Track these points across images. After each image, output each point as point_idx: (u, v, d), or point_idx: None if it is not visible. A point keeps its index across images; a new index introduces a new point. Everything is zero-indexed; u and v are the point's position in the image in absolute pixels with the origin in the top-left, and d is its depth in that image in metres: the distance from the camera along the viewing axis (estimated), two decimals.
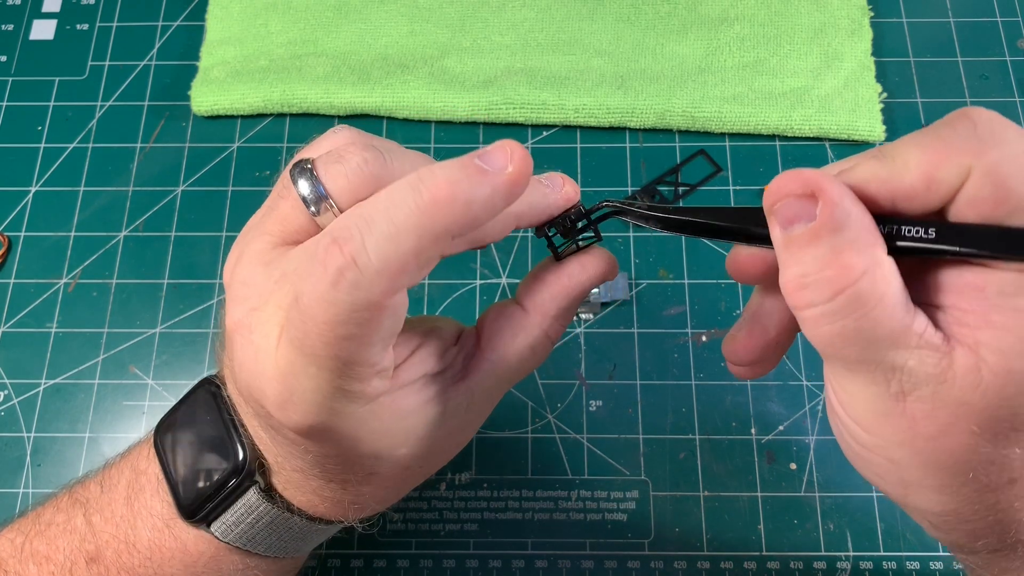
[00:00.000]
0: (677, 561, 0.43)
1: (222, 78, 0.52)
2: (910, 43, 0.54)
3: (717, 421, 0.45)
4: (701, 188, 0.50)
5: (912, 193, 0.20)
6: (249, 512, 0.28)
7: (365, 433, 0.24)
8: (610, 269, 0.28)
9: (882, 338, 0.20)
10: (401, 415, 0.25)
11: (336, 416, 0.23)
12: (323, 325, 0.20)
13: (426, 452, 0.27)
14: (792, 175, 0.21)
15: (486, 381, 0.27)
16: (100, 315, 0.48)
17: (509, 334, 0.27)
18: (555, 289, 0.27)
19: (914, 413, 0.21)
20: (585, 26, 0.54)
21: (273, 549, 0.29)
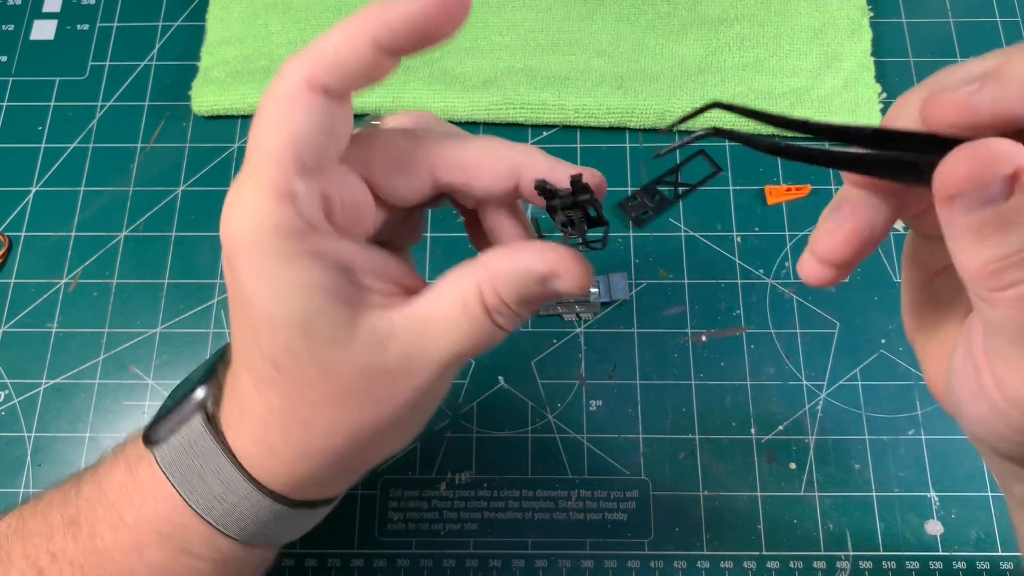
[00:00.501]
0: (677, 561, 0.43)
1: (222, 78, 0.53)
2: (910, 43, 0.54)
3: (717, 421, 0.45)
4: (701, 188, 0.50)
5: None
6: (189, 436, 0.27)
7: (264, 276, 0.23)
8: (569, 272, 0.24)
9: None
10: (301, 277, 0.23)
11: (248, 232, 0.23)
12: (256, 120, 0.23)
13: (327, 369, 0.24)
14: (972, 157, 0.17)
15: (411, 321, 0.25)
16: (100, 315, 0.48)
17: (449, 281, 0.25)
18: (508, 251, 0.25)
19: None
20: (585, 26, 0.54)
21: (205, 500, 0.27)
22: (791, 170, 0.51)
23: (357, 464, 0.29)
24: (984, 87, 0.17)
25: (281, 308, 0.23)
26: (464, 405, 0.46)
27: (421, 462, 0.45)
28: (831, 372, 0.46)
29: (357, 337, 0.24)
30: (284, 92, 0.22)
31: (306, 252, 0.23)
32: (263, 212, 0.22)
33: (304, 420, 0.25)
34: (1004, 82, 0.17)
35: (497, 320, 0.25)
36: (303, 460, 0.26)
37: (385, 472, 0.45)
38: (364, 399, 0.25)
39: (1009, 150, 0.16)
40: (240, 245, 0.23)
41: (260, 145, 0.22)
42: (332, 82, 0.22)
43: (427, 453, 0.45)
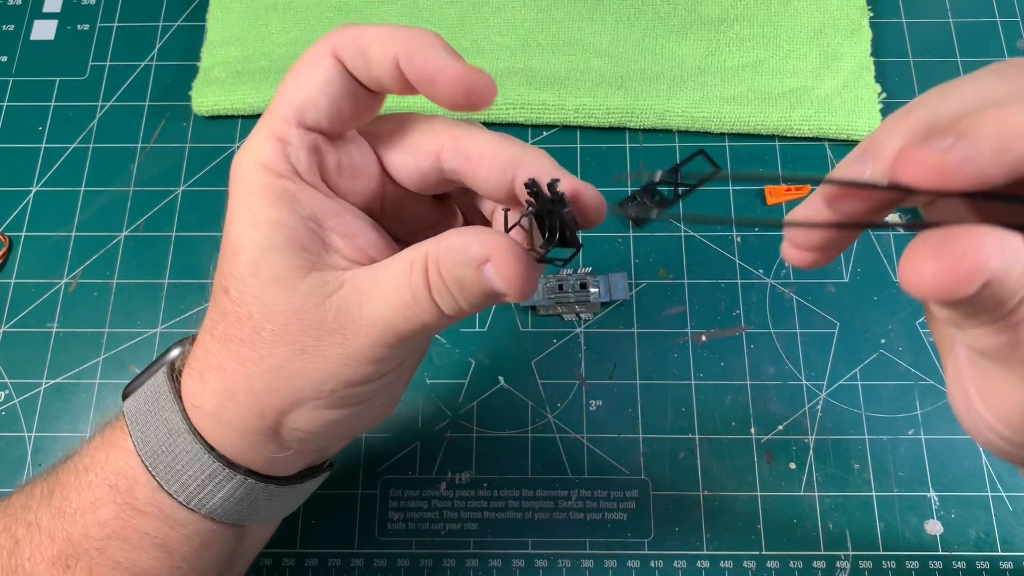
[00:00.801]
0: (677, 561, 0.43)
1: (223, 78, 0.53)
2: (909, 43, 0.54)
3: (717, 421, 0.45)
4: (701, 188, 0.50)
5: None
6: (153, 387, 0.28)
7: (242, 205, 0.25)
8: (498, 264, 0.24)
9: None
10: (270, 213, 0.25)
11: (241, 164, 0.25)
12: (289, 70, 0.25)
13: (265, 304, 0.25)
14: (941, 270, 0.16)
15: (361, 280, 0.25)
16: (101, 315, 0.48)
17: (406, 248, 0.25)
18: (460, 230, 0.25)
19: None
20: (585, 26, 0.54)
21: (152, 450, 0.27)
22: (791, 170, 0.51)
23: (282, 428, 0.27)
24: (956, 146, 0.16)
25: (244, 235, 0.25)
26: (464, 405, 0.46)
27: (421, 462, 0.45)
28: (831, 372, 0.46)
29: (303, 284, 0.25)
30: (315, 50, 0.24)
31: (283, 194, 0.25)
32: (256, 149, 0.25)
33: (236, 354, 0.26)
34: (975, 141, 0.16)
35: (435, 297, 0.24)
36: (226, 401, 0.26)
37: (385, 472, 0.45)
38: (291, 346, 0.25)
39: (975, 261, 0.15)
40: (235, 176, 0.26)
41: (280, 91, 0.25)
42: (351, 63, 0.24)
43: (427, 453, 0.45)
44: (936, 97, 0.19)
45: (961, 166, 0.16)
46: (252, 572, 0.41)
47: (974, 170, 0.16)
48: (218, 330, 0.26)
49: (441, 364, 0.47)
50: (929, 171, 0.16)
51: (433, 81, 0.23)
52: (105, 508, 0.28)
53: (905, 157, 0.17)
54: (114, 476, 0.28)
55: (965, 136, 0.16)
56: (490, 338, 0.48)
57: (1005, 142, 0.16)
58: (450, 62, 0.23)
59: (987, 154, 0.16)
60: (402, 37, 0.23)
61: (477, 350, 0.47)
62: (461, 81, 0.23)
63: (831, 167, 0.50)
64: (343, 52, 0.24)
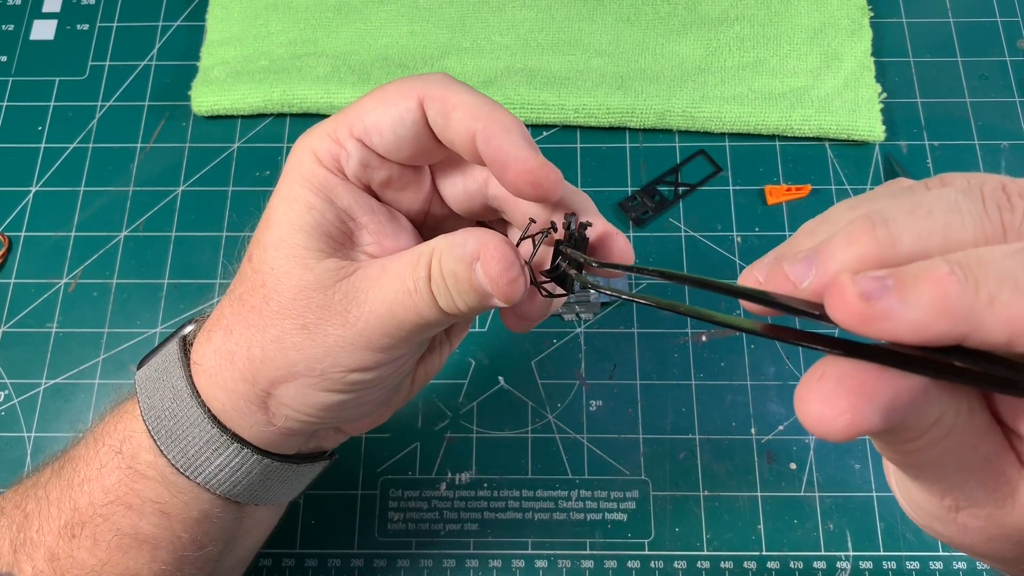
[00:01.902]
0: (677, 561, 0.43)
1: (222, 78, 0.53)
2: (910, 43, 0.54)
3: (717, 421, 0.45)
4: (701, 188, 0.50)
5: (988, 343, 0.16)
6: (165, 355, 0.30)
7: (286, 184, 0.27)
8: (489, 269, 0.24)
9: (948, 466, 0.19)
10: (307, 198, 0.26)
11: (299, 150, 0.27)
12: (382, 86, 0.27)
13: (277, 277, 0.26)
14: (824, 418, 0.17)
15: (372, 268, 0.26)
16: (100, 315, 0.48)
17: (420, 245, 0.27)
18: (468, 230, 0.26)
19: (966, 523, 0.20)
20: (585, 26, 0.54)
21: (157, 414, 0.28)
22: (792, 170, 0.51)
23: (272, 401, 0.28)
24: (886, 299, 0.16)
25: (280, 209, 0.27)
26: (464, 405, 0.46)
27: (421, 462, 0.45)
28: None
29: (319, 265, 0.26)
30: (408, 86, 0.26)
31: (325, 183, 0.26)
32: (315, 140, 0.27)
33: (243, 322, 0.27)
34: (906, 304, 0.16)
35: (434, 290, 0.25)
36: (224, 360, 0.27)
37: (385, 472, 0.45)
38: (293, 319, 0.26)
39: (853, 418, 0.16)
40: (291, 156, 0.27)
41: (361, 101, 0.26)
42: (431, 119, 0.25)
43: (427, 453, 0.45)
44: (906, 215, 0.17)
45: (882, 323, 0.16)
46: (252, 572, 0.41)
47: (893, 331, 0.16)
48: (235, 292, 0.28)
49: None
50: (853, 317, 0.16)
51: (505, 167, 0.24)
52: (111, 473, 0.29)
53: (835, 292, 0.16)
54: (119, 441, 0.29)
55: (898, 291, 0.16)
56: (490, 338, 0.48)
57: (937, 316, 0.15)
58: (524, 153, 0.24)
59: (911, 322, 0.16)
60: (487, 115, 0.24)
61: (477, 350, 0.47)
62: (531, 174, 0.24)
63: (831, 167, 0.50)
64: (428, 104, 0.25)
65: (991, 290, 0.15)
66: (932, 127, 0.51)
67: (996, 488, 0.19)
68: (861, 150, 0.51)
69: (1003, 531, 0.19)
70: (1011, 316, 0.15)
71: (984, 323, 0.15)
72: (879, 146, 0.51)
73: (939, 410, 0.17)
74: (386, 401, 0.31)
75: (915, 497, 0.21)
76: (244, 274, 0.28)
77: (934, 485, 0.19)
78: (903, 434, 0.18)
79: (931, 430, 0.18)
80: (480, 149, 0.24)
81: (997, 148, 0.51)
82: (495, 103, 0.25)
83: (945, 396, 0.17)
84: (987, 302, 0.15)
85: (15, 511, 0.30)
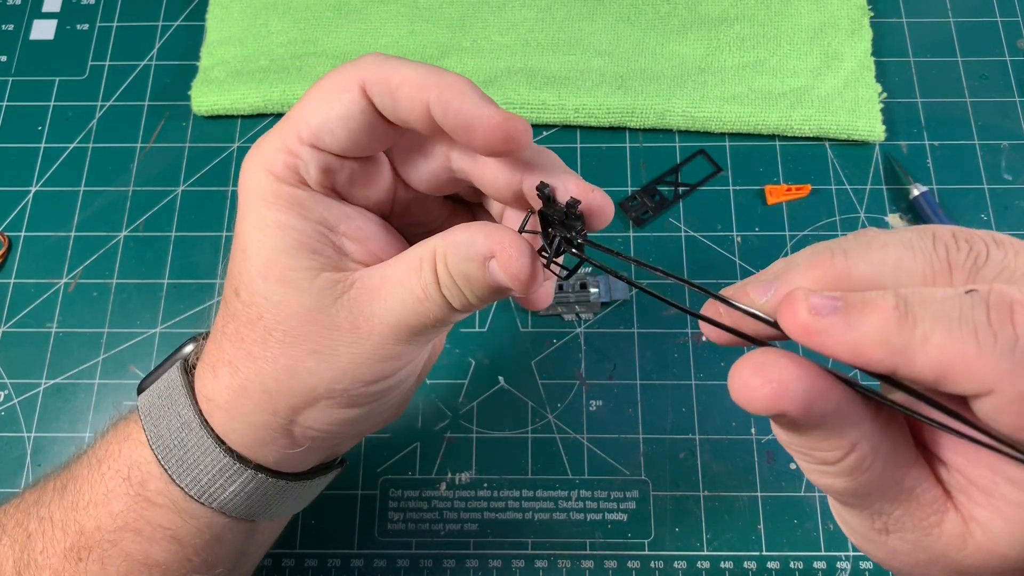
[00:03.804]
0: (677, 561, 0.43)
1: (222, 78, 0.53)
2: (910, 43, 0.54)
3: (717, 421, 0.45)
4: (701, 188, 0.50)
5: (918, 378, 0.17)
6: (167, 381, 0.29)
7: (252, 210, 0.25)
8: (504, 260, 0.24)
9: (873, 493, 0.20)
10: (280, 218, 0.25)
11: (253, 171, 0.25)
12: (316, 83, 0.25)
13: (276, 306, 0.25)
14: (750, 387, 0.18)
15: (371, 279, 0.25)
16: (100, 315, 0.48)
17: (415, 244, 0.26)
18: (468, 225, 0.25)
19: (896, 546, 0.21)
20: (585, 26, 0.54)
21: (165, 443, 0.28)
22: (792, 170, 0.51)
23: (294, 426, 0.28)
24: (833, 317, 0.17)
25: (254, 238, 0.25)
26: (464, 405, 0.46)
27: (421, 462, 0.45)
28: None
29: (313, 286, 0.25)
30: (344, 76, 0.24)
31: (295, 200, 0.25)
32: (269, 159, 0.25)
33: (247, 352, 0.26)
34: (850, 326, 0.17)
35: (445, 293, 0.25)
36: (238, 396, 0.27)
37: (385, 472, 0.45)
38: (303, 346, 0.25)
39: (777, 392, 0.18)
40: (245, 181, 0.26)
41: (300, 105, 0.25)
42: (378, 100, 0.24)
43: (427, 453, 0.45)
44: (863, 249, 0.19)
45: (824, 337, 0.17)
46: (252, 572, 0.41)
47: (831, 347, 0.17)
48: (229, 328, 0.27)
49: (441, 364, 0.47)
50: (797, 327, 0.18)
51: (470, 129, 0.23)
52: (118, 500, 0.28)
53: (788, 304, 0.18)
54: (127, 468, 0.28)
55: (844, 313, 0.17)
56: (490, 338, 0.47)
57: (873, 344, 0.17)
58: (486, 110, 0.23)
59: (850, 344, 0.17)
60: (435, 83, 0.23)
61: (477, 350, 0.47)
62: (499, 129, 0.23)
63: (831, 167, 0.50)
64: (371, 89, 0.24)
65: (926, 331, 0.17)
66: (932, 127, 0.51)
67: (923, 518, 0.20)
68: (861, 150, 0.51)
69: (930, 556, 0.20)
70: (939, 358, 0.16)
71: (915, 360, 0.17)
72: (879, 146, 0.51)
73: (857, 433, 0.18)
74: (409, 399, 0.31)
75: (847, 519, 0.22)
76: (234, 310, 0.26)
77: (864, 510, 0.20)
78: (820, 442, 0.19)
79: (849, 456, 0.19)
80: (438, 119, 0.23)
81: (997, 148, 0.51)
82: (438, 69, 0.24)
83: (867, 423, 0.19)
84: (920, 342, 0.17)
85: (17, 529, 0.30)
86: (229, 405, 0.27)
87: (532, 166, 0.25)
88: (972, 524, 0.19)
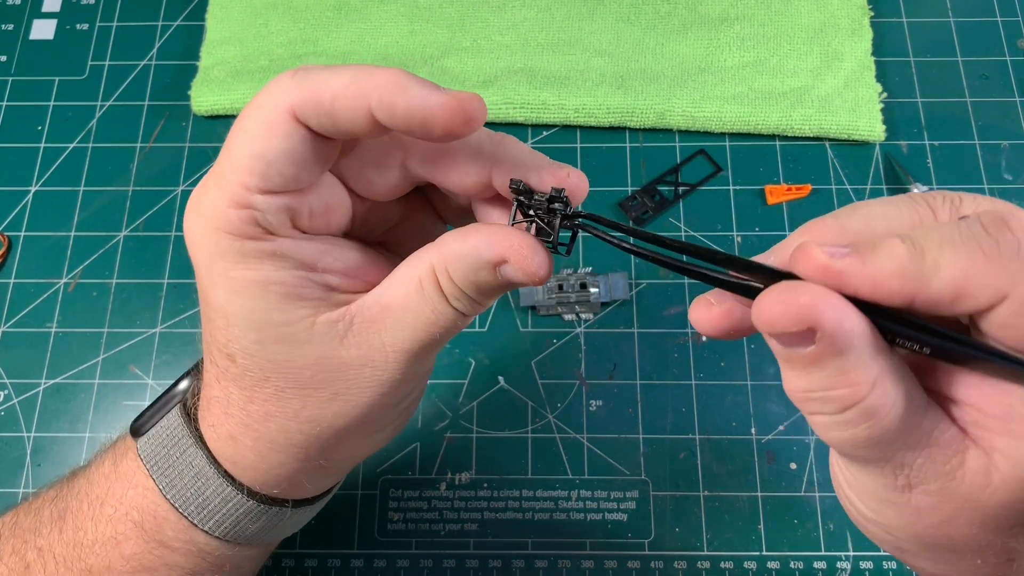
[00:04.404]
0: (677, 561, 0.43)
1: (222, 78, 0.52)
2: (910, 43, 0.54)
3: (717, 421, 0.45)
4: (701, 188, 0.50)
5: (936, 301, 0.18)
6: (168, 428, 0.28)
7: (219, 274, 0.23)
8: (518, 260, 0.23)
9: (895, 440, 0.20)
10: (256, 276, 0.23)
11: (206, 233, 0.23)
12: (237, 122, 0.23)
13: (281, 364, 0.24)
14: (783, 303, 0.18)
15: (369, 309, 0.24)
16: (100, 315, 0.48)
17: (404, 263, 0.25)
18: (462, 232, 0.24)
19: (919, 504, 0.21)
20: (585, 26, 0.54)
21: (181, 493, 0.27)
22: (792, 170, 0.50)
23: (327, 462, 0.28)
24: (847, 258, 0.19)
25: (235, 304, 0.24)
26: (464, 405, 0.46)
27: (421, 462, 0.45)
28: None
29: (313, 334, 0.24)
30: (269, 108, 0.22)
31: (264, 253, 0.23)
32: (220, 218, 0.23)
33: (263, 412, 0.25)
34: (863, 262, 0.19)
35: (455, 304, 0.24)
36: (266, 452, 0.26)
37: (385, 472, 0.45)
38: (322, 393, 0.25)
39: (811, 304, 0.18)
40: (198, 244, 0.24)
41: (232, 152, 0.22)
42: (315, 123, 0.22)
43: (427, 453, 0.45)
44: (849, 210, 0.21)
45: (844, 276, 0.19)
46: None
47: (853, 284, 0.18)
48: (234, 395, 0.26)
49: (441, 364, 0.47)
50: (816, 269, 0.19)
51: (426, 123, 0.21)
52: (129, 543, 0.28)
53: (801, 252, 0.19)
54: (138, 514, 0.28)
55: (857, 254, 0.19)
56: (490, 338, 0.47)
57: (891, 274, 0.18)
58: (436, 98, 0.21)
59: (869, 276, 0.18)
60: (371, 86, 0.21)
61: (477, 350, 0.47)
62: (457, 113, 0.21)
63: (831, 167, 0.50)
64: (304, 113, 0.22)
65: (935, 256, 0.18)
66: (932, 127, 0.51)
67: (945, 461, 0.20)
68: (861, 150, 0.51)
69: (955, 505, 0.20)
70: (953, 276, 0.18)
71: (931, 284, 0.18)
72: (879, 146, 0.51)
73: (878, 366, 0.19)
74: (420, 397, 0.31)
75: (868, 487, 0.22)
76: (233, 376, 0.25)
77: (886, 465, 0.20)
78: (844, 374, 0.19)
79: (873, 393, 0.19)
80: (386, 122, 0.22)
81: (997, 148, 0.51)
82: (365, 69, 0.22)
83: (886, 357, 0.19)
84: (932, 267, 0.18)
85: (14, 557, 0.29)
86: (257, 462, 0.27)
87: (498, 159, 0.24)
88: (994, 455, 0.19)
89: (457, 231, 0.24)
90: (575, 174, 0.25)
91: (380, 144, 0.25)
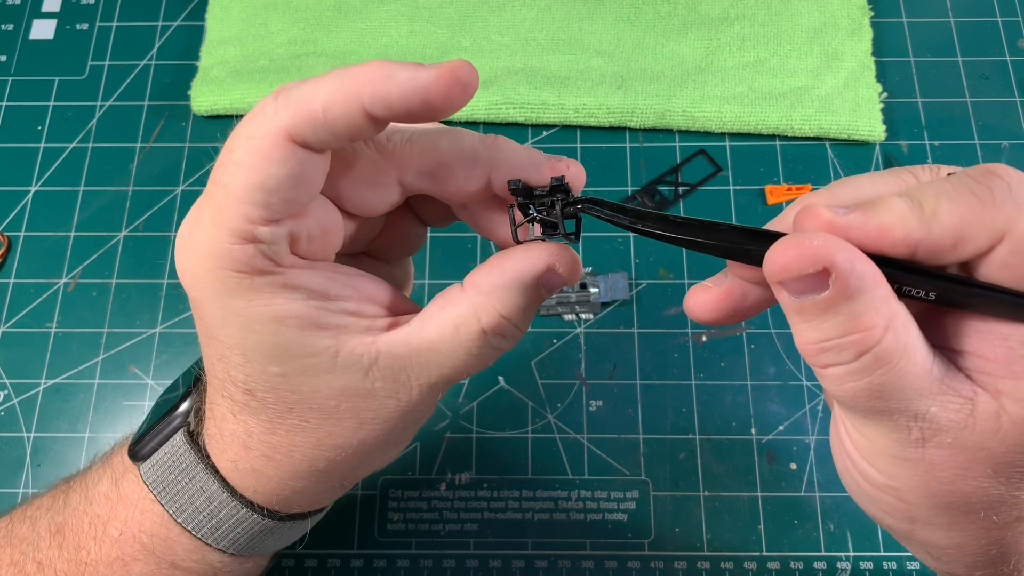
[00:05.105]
0: (677, 561, 0.43)
1: (222, 78, 0.52)
2: (910, 43, 0.54)
3: (717, 421, 0.45)
4: (701, 188, 0.50)
5: (938, 248, 0.20)
6: (173, 454, 0.27)
7: (230, 312, 0.23)
8: (561, 262, 0.24)
9: (908, 387, 0.20)
10: (271, 311, 0.22)
11: (210, 271, 0.22)
12: (227, 152, 0.22)
13: (305, 395, 0.24)
14: (796, 247, 0.19)
15: (397, 347, 0.24)
16: (100, 315, 0.48)
17: (437, 305, 0.25)
18: (492, 265, 0.25)
19: (933, 458, 0.21)
20: (585, 26, 0.54)
21: (192, 517, 0.27)
22: (792, 170, 0.50)
23: (346, 480, 0.29)
24: (850, 214, 0.20)
25: (254, 340, 0.23)
26: (464, 405, 0.46)
27: (421, 462, 0.45)
28: None
29: (337, 364, 0.24)
30: (261, 136, 0.21)
31: (275, 286, 0.22)
32: (224, 256, 0.22)
33: (287, 443, 0.25)
34: (866, 216, 0.20)
35: (493, 342, 0.25)
36: (288, 480, 0.26)
37: (385, 472, 0.45)
38: (347, 422, 0.25)
39: (824, 245, 0.19)
40: (201, 282, 0.23)
41: (225, 183, 0.21)
42: (313, 140, 0.21)
43: (427, 453, 0.45)
44: (838, 184, 0.22)
45: (849, 230, 0.20)
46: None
47: (858, 237, 0.20)
48: (254, 428, 0.25)
49: None
50: (823, 226, 0.20)
51: (426, 103, 0.21)
52: (138, 564, 0.28)
53: (806, 212, 0.20)
54: (146, 537, 0.28)
55: (860, 209, 0.20)
56: None
57: (896, 223, 0.20)
58: (424, 73, 0.21)
59: (875, 228, 0.20)
60: (361, 85, 0.21)
61: None
62: (454, 81, 0.21)
63: (831, 167, 0.50)
64: (301, 132, 0.21)
65: (933, 206, 0.20)
66: (932, 127, 0.51)
67: (957, 409, 0.20)
68: (861, 150, 0.51)
69: (968, 456, 0.21)
70: (951, 221, 0.19)
71: (933, 230, 0.19)
72: (879, 146, 0.51)
73: (889, 310, 0.20)
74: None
75: (880, 446, 0.22)
76: (252, 408, 0.25)
77: (900, 418, 0.21)
78: (857, 318, 0.19)
79: (886, 336, 0.20)
80: (384, 115, 0.21)
81: (997, 148, 0.51)
82: (346, 71, 0.21)
83: (895, 301, 0.20)
84: (931, 215, 0.19)
85: (11, 569, 0.29)
86: (280, 489, 0.27)
87: (494, 162, 0.24)
88: (1001, 398, 0.20)
89: (486, 269, 0.25)
90: (574, 165, 0.25)
91: (374, 162, 0.24)
